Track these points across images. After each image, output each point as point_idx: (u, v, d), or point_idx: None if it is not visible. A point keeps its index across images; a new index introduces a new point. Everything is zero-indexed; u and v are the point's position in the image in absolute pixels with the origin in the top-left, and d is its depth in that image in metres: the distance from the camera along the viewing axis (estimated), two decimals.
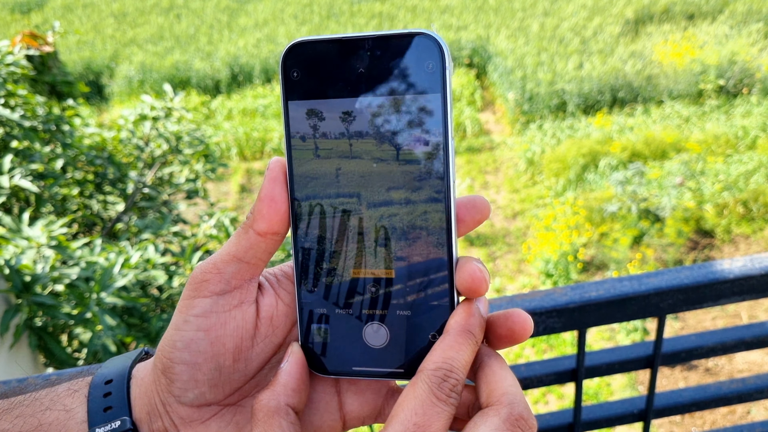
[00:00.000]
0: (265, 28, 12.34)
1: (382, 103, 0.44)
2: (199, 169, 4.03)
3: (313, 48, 0.45)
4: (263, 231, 0.45)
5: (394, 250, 0.45)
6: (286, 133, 0.46)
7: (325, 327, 0.47)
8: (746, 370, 4.17)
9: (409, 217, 0.45)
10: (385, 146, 0.44)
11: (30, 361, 2.69)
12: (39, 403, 0.48)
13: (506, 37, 10.50)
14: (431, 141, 0.44)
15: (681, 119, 7.74)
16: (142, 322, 2.68)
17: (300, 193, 0.46)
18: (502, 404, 0.41)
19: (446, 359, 0.42)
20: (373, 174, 0.45)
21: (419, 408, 0.40)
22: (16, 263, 2.33)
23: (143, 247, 2.78)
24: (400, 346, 0.46)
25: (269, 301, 0.48)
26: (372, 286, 0.46)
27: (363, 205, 0.45)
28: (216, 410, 0.47)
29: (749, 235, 5.62)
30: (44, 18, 14.25)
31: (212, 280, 0.45)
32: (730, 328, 1.04)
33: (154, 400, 0.47)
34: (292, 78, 0.46)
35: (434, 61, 0.43)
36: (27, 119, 3.12)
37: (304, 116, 0.46)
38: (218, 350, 0.45)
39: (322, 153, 0.45)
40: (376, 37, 0.44)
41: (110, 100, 10.55)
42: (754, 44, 9.10)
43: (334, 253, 0.46)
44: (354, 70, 0.44)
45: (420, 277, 0.45)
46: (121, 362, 0.50)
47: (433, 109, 0.44)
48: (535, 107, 8.34)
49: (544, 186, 6.82)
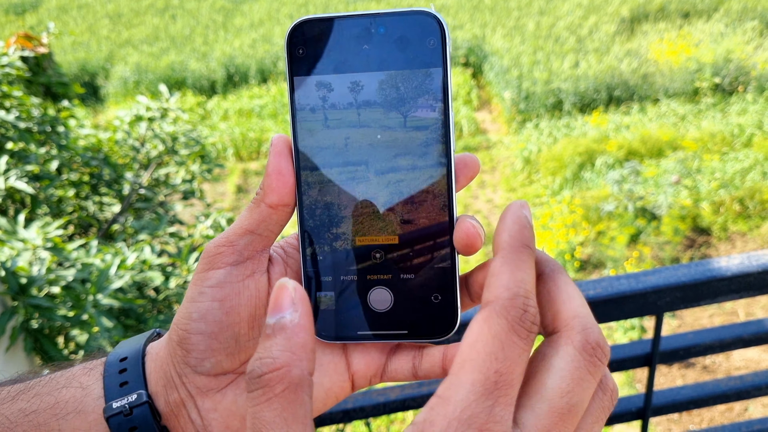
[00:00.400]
0: (261, 29, 12.33)
1: (386, 76, 0.46)
2: (196, 170, 4.02)
3: (318, 25, 0.47)
4: (274, 203, 0.46)
5: (396, 215, 0.47)
6: (291, 107, 0.48)
7: (329, 294, 0.49)
8: (743, 368, 4.17)
9: (411, 184, 0.46)
10: (388, 117, 0.46)
11: (26, 364, 2.68)
12: (55, 382, 0.48)
13: (502, 36, 10.50)
14: (433, 112, 0.46)
15: (677, 117, 7.75)
16: (139, 324, 2.67)
17: (305, 164, 0.48)
18: (574, 329, 0.36)
19: (519, 283, 0.35)
20: (377, 144, 0.47)
21: (499, 350, 0.33)
22: (12, 265, 2.32)
23: (139, 248, 2.77)
24: (404, 309, 0.48)
25: (279, 270, 0.49)
26: (376, 252, 0.48)
27: (366, 173, 0.47)
28: (231, 378, 0.48)
29: (746, 232, 5.63)
30: (39, 19, 14.22)
31: (226, 252, 0.47)
32: (728, 326, 1.04)
33: (169, 373, 0.48)
34: (298, 54, 0.47)
35: (435, 37, 0.45)
36: (22, 120, 3.11)
37: (308, 91, 0.47)
38: (234, 319, 0.46)
39: (327, 125, 0.47)
40: (380, 14, 0.46)
41: (105, 101, 10.52)
42: (749, 42, 9.12)
43: (337, 220, 0.48)
44: (358, 47, 0.46)
45: (422, 241, 0.47)
46: (134, 341, 0.51)
47: (435, 82, 0.45)
48: (531, 106, 8.34)
49: (541, 185, 6.83)
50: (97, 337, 2.33)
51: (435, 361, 0.47)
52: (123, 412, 0.46)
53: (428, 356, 0.48)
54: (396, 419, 4.02)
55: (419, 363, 0.48)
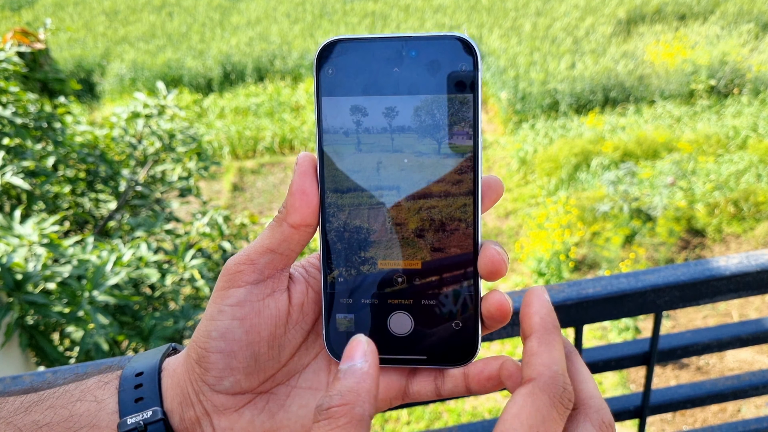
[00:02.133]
0: (258, 27, 12.31)
1: (416, 101, 0.45)
2: (192, 167, 4.01)
3: (348, 46, 0.46)
4: (297, 223, 0.46)
5: (420, 241, 0.47)
6: (318, 127, 0.47)
7: (349, 316, 0.48)
8: (737, 369, 4.19)
9: (436, 210, 0.46)
10: (417, 142, 0.46)
11: (21, 360, 2.67)
12: (69, 395, 0.48)
13: (499, 37, 10.51)
14: (461, 138, 0.45)
15: (672, 119, 7.77)
16: (135, 321, 2.67)
17: (330, 186, 0.47)
18: (592, 408, 0.41)
19: (557, 362, 0.40)
20: (403, 169, 0.46)
21: (540, 424, 0.37)
22: (8, 261, 2.31)
23: (136, 245, 2.77)
24: (424, 335, 0.47)
25: (300, 289, 0.49)
26: (398, 276, 0.48)
27: (391, 198, 0.47)
28: (250, 398, 0.48)
29: (740, 234, 5.65)
30: (35, 15, 14.16)
31: (246, 270, 0.46)
32: (725, 325, 1.05)
33: (186, 390, 0.48)
34: (327, 74, 0.47)
35: (467, 63, 0.45)
36: (18, 116, 3.10)
37: (336, 112, 0.47)
38: (253, 338, 0.46)
39: (354, 147, 0.47)
40: (412, 37, 0.45)
41: (101, 98, 10.49)
42: (744, 45, 9.15)
43: (360, 243, 0.48)
44: (389, 69, 0.46)
45: (446, 268, 0.47)
46: (150, 356, 0.51)
47: (465, 109, 0.45)
48: (527, 107, 8.35)
49: (537, 185, 6.84)
50: (92, 333, 2.33)
51: (458, 381, 0.48)
52: (137, 429, 0.46)
53: (450, 377, 0.48)
54: (390, 418, 4.02)
55: (442, 384, 0.48)
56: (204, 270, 2.87)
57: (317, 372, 0.50)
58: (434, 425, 3.95)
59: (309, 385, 0.50)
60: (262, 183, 7.64)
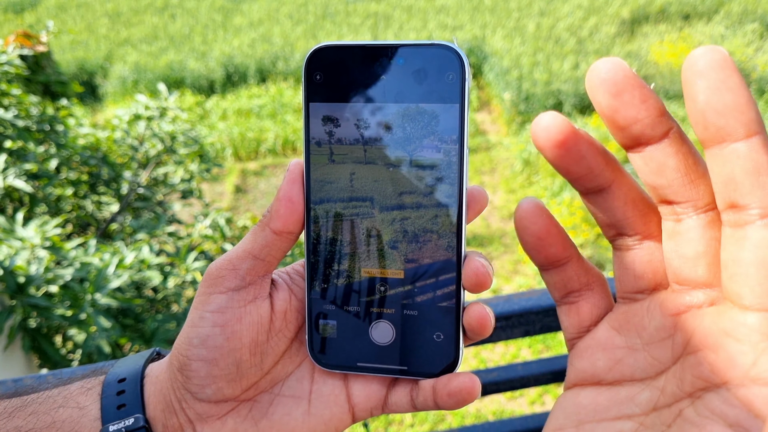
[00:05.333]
0: (260, 28, 12.32)
1: (402, 109, 0.45)
2: (194, 170, 4.01)
3: (337, 53, 0.47)
4: (279, 230, 0.46)
5: (405, 252, 0.47)
6: (305, 134, 0.47)
7: (332, 323, 0.49)
8: None
9: (421, 222, 0.46)
10: (400, 152, 0.46)
11: (24, 363, 2.67)
12: (52, 400, 0.48)
13: (502, 37, 10.50)
14: (446, 149, 0.45)
15: (677, 119, 7.74)
16: (137, 323, 2.66)
17: (315, 193, 0.47)
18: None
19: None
20: (387, 179, 0.46)
21: None
22: (10, 264, 2.31)
23: (138, 247, 2.76)
24: (405, 345, 0.48)
25: (283, 296, 0.49)
26: (381, 286, 0.48)
27: (376, 208, 0.47)
28: (232, 405, 0.48)
29: None
30: (37, 17, 14.19)
31: (228, 276, 0.46)
32: None
33: (169, 398, 0.47)
34: (315, 80, 0.47)
35: (454, 72, 0.45)
36: (21, 119, 3.10)
37: (324, 118, 0.47)
38: (235, 345, 0.46)
39: (339, 156, 0.47)
40: (399, 45, 0.45)
41: (104, 100, 10.50)
42: (749, 44, 9.12)
43: (346, 252, 0.48)
44: (376, 77, 0.46)
45: (429, 279, 0.47)
46: (133, 362, 0.51)
47: (451, 119, 0.45)
48: (531, 107, 8.34)
49: (541, 186, 6.82)
50: (95, 336, 2.32)
51: (427, 394, 0.47)
52: None
53: (422, 389, 0.48)
54: (394, 420, 4.01)
55: (416, 396, 0.48)
56: None
57: (300, 380, 0.50)
58: (438, 427, 3.93)
59: (292, 393, 0.50)
60: (265, 185, 7.63)
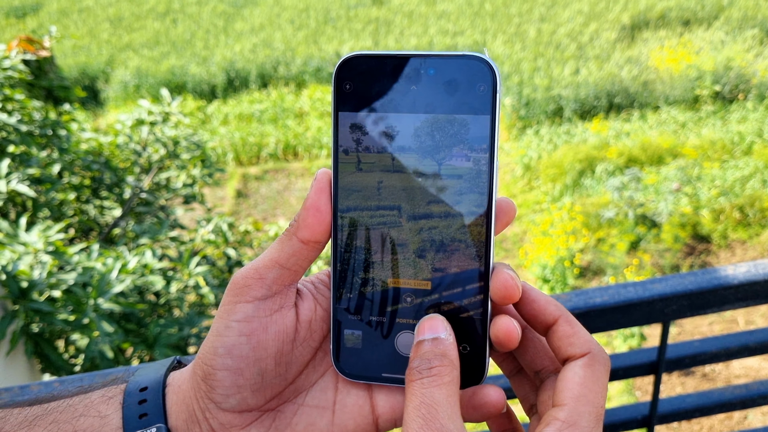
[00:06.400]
0: (262, 33, 12.34)
1: (432, 120, 0.45)
2: (196, 174, 4.02)
3: (366, 62, 0.46)
4: (306, 239, 0.46)
5: (432, 262, 0.46)
6: (334, 142, 0.47)
7: (357, 333, 0.48)
8: (743, 376, 4.17)
9: (449, 231, 0.46)
10: (429, 162, 0.45)
11: (26, 368, 2.67)
12: (73, 409, 0.48)
13: (503, 43, 10.52)
14: (477, 160, 0.45)
15: (677, 125, 7.76)
16: (140, 328, 2.66)
17: (343, 203, 0.47)
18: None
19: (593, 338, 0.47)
20: (416, 188, 0.46)
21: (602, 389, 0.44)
22: (13, 269, 2.32)
23: (140, 252, 2.77)
24: None
25: (308, 305, 0.48)
26: (407, 296, 0.47)
27: (404, 217, 0.46)
28: (256, 416, 0.48)
29: (745, 240, 5.63)
30: (39, 22, 14.22)
31: (254, 285, 0.46)
32: (733, 334, 1.04)
33: (192, 407, 0.47)
34: (344, 90, 0.46)
35: (486, 83, 0.44)
36: (24, 124, 3.11)
37: (353, 127, 0.46)
38: (260, 355, 0.46)
39: (367, 165, 0.46)
40: (430, 56, 0.45)
41: (106, 105, 10.51)
42: (749, 50, 9.13)
43: (372, 262, 0.47)
44: (407, 87, 0.45)
45: (455, 290, 0.46)
46: (154, 370, 0.51)
47: (481, 130, 0.44)
48: (531, 113, 8.35)
49: (541, 191, 6.83)
50: (97, 341, 2.33)
51: None
52: None
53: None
54: None
55: None
56: (209, 277, 2.87)
57: (324, 390, 0.50)
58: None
59: (316, 403, 0.49)
60: (266, 189, 7.64)
